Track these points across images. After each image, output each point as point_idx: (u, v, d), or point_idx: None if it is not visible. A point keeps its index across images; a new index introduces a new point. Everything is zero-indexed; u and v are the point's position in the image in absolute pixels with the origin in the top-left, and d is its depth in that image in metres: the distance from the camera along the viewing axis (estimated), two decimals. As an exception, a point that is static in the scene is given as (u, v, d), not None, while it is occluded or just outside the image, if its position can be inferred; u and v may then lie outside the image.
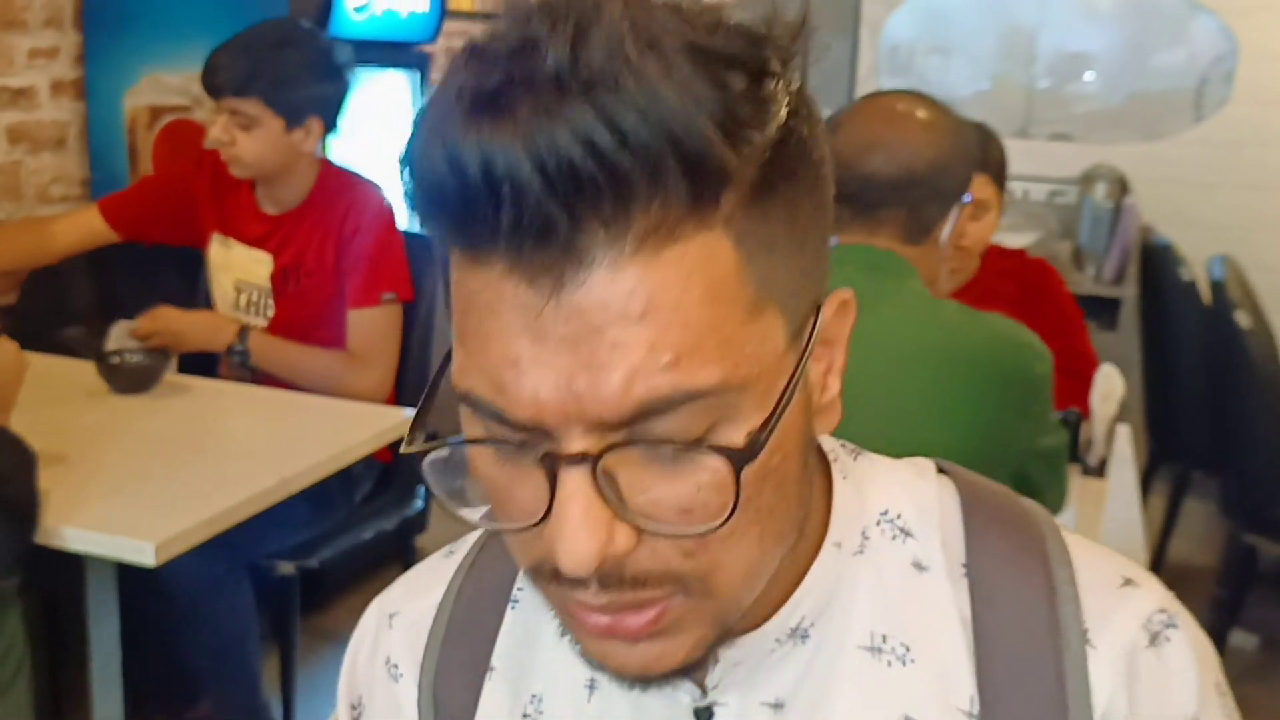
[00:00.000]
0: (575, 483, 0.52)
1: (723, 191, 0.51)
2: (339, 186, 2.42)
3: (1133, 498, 1.94)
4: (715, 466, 0.52)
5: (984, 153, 1.94)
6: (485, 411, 0.53)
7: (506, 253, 0.50)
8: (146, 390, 2.13)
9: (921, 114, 1.47)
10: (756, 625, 0.64)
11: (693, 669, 0.60)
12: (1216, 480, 3.19)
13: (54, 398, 2.00)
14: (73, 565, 1.82)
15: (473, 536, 0.79)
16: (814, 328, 0.57)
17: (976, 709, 0.63)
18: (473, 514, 0.59)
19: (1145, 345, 3.43)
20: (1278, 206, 3.49)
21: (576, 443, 0.52)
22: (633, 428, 0.51)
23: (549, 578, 0.56)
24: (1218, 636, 2.90)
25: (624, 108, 0.48)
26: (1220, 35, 3.45)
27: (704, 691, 0.66)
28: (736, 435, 0.53)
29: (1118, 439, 2.09)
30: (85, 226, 2.51)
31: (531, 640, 0.73)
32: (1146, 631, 0.63)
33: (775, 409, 0.54)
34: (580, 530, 0.52)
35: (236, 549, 2.14)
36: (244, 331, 2.33)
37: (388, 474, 2.56)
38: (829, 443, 0.69)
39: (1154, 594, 0.65)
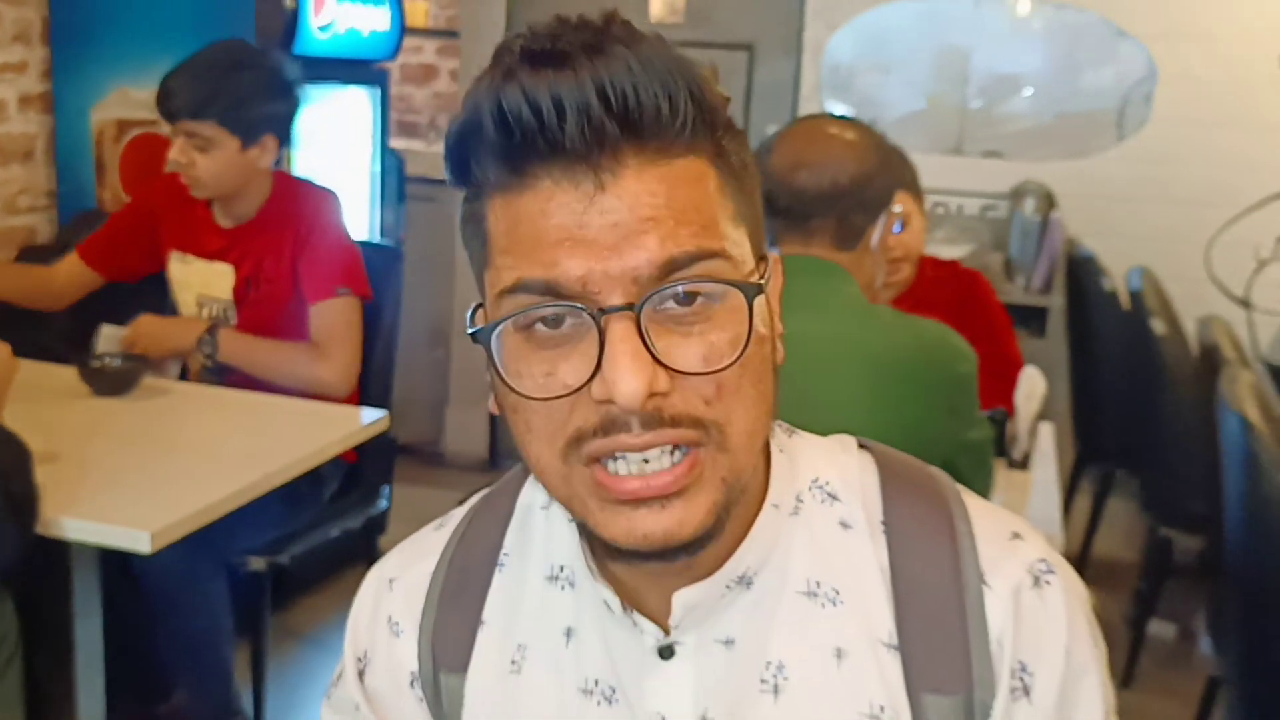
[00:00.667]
0: (622, 330, 0.66)
1: (711, 130, 0.69)
2: (293, 196, 2.48)
3: (1052, 488, 2.10)
4: (730, 313, 0.68)
5: (903, 169, 2.10)
6: (538, 289, 0.67)
7: (559, 165, 0.66)
8: (126, 393, 2.22)
9: (846, 134, 1.63)
10: (710, 573, 0.77)
11: (704, 542, 0.72)
12: (1137, 479, 3.36)
13: (39, 401, 2.08)
14: (55, 560, 1.91)
15: (458, 513, 0.91)
16: (767, 267, 0.73)
17: (895, 640, 0.77)
18: (525, 386, 0.70)
19: (1071, 351, 3.60)
20: (1192, 221, 3.66)
21: (619, 297, 0.66)
22: (663, 280, 0.67)
23: (591, 436, 0.68)
24: (1138, 626, 3.06)
25: (653, 58, 0.66)
26: (1141, 59, 3.64)
27: (667, 632, 0.79)
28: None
29: (1040, 435, 2.25)
30: (75, 274, 2.56)
31: (517, 598, 0.86)
32: (1030, 575, 0.78)
33: (762, 269, 0.71)
34: (632, 365, 0.65)
35: (214, 546, 2.22)
36: (213, 328, 2.40)
37: (354, 474, 2.65)
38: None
39: (1037, 546, 0.80)
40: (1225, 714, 2.25)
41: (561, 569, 0.84)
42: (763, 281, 0.71)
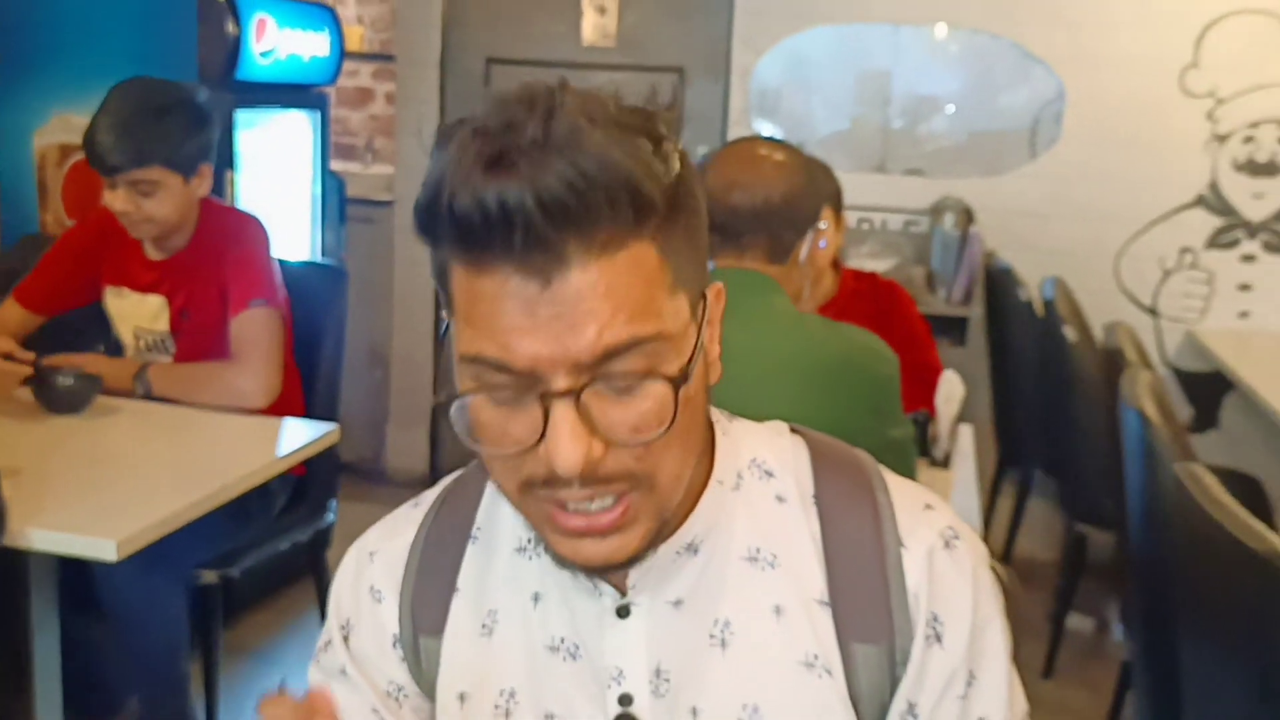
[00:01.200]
0: (563, 410, 0.75)
1: (650, 215, 0.77)
2: (221, 223, 2.52)
3: (971, 485, 2.23)
4: (659, 392, 0.77)
5: (827, 185, 2.22)
6: (491, 365, 0.77)
7: (511, 261, 0.74)
8: (79, 411, 2.28)
9: (775, 156, 1.76)
10: (663, 541, 0.87)
11: (636, 560, 0.83)
12: (1055, 479, 3.51)
13: (-5, 419, 2.14)
14: (10, 574, 1.96)
15: (432, 494, 1.01)
16: (705, 306, 0.83)
17: (827, 598, 0.89)
18: (478, 447, 0.80)
19: (991, 359, 3.75)
20: (1102, 234, 3.83)
21: (562, 381, 0.75)
22: (600, 367, 0.76)
23: (539, 485, 0.79)
24: (1057, 621, 3.20)
25: (588, 162, 0.73)
26: (1051, 82, 3.81)
27: (623, 593, 0.89)
28: (671, 370, 0.78)
29: (960, 436, 2.38)
30: (15, 318, 2.57)
31: (487, 568, 0.96)
32: (941, 538, 0.90)
33: (693, 352, 0.80)
34: (570, 442, 0.75)
35: (170, 559, 2.27)
36: (143, 369, 2.44)
37: (301, 487, 2.71)
38: (713, 412, 0.93)
39: (946, 515, 0.92)
40: (1137, 698, 2.38)
41: (529, 541, 0.94)
42: (693, 356, 0.79)
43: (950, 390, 2.28)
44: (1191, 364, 3.83)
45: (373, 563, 0.98)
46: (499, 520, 0.96)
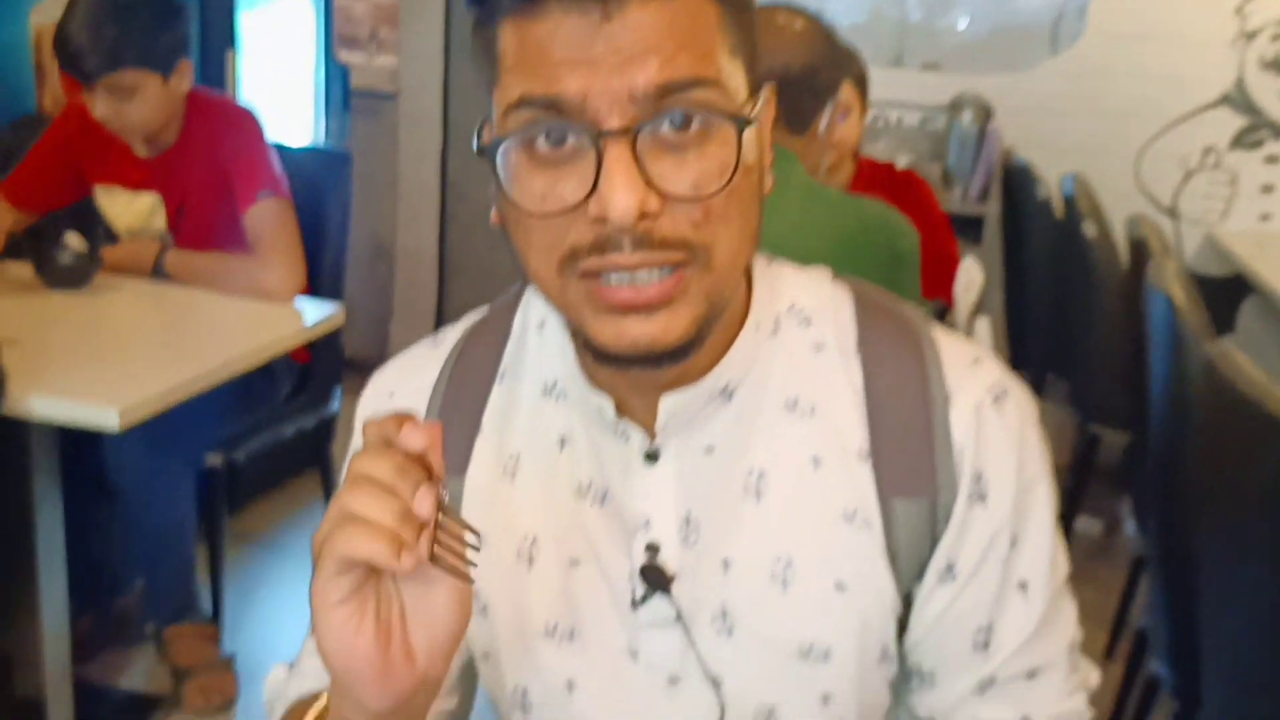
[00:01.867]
0: (619, 152, 0.70)
1: None
2: (211, 116, 2.43)
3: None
4: (720, 142, 0.72)
5: (850, 62, 2.15)
6: (541, 104, 0.71)
7: None
8: (80, 287, 2.24)
9: (796, 24, 1.69)
10: (694, 382, 0.83)
11: (686, 350, 0.77)
12: (1067, 382, 3.48)
13: (-6, 293, 2.10)
14: (12, 445, 1.94)
15: (453, 333, 0.96)
16: (760, 100, 0.78)
17: (867, 451, 0.85)
18: (525, 201, 0.74)
19: (1005, 259, 3.70)
20: (1122, 133, 3.75)
21: (616, 120, 0.70)
22: (659, 104, 0.70)
23: (584, 254, 0.73)
24: (1067, 523, 3.19)
25: None
26: (1075, -26, 3.70)
27: (653, 438, 0.85)
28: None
29: (977, 328, 2.34)
30: (2, 214, 2.50)
31: (512, 410, 0.91)
32: (990, 394, 0.85)
33: (754, 103, 0.75)
34: (626, 185, 0.70)
35: (177, 440, 2.27)
36: (160, 255, 2.40)
37: (306, 375, 2.69)
38: None
39: (995, 370, 0.87)
40: (1149, 593, 2.37)
41: (555, 383, 0.89)
42: (754, 115, 0.75)
43: (970, 278, 2.23)
44: (1209, 268, 3.77)
45: (392, 399, 0.94)
46: (525, 361, 0.92)
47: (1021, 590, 0.86)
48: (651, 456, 0.85)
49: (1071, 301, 3.17)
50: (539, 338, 0.91)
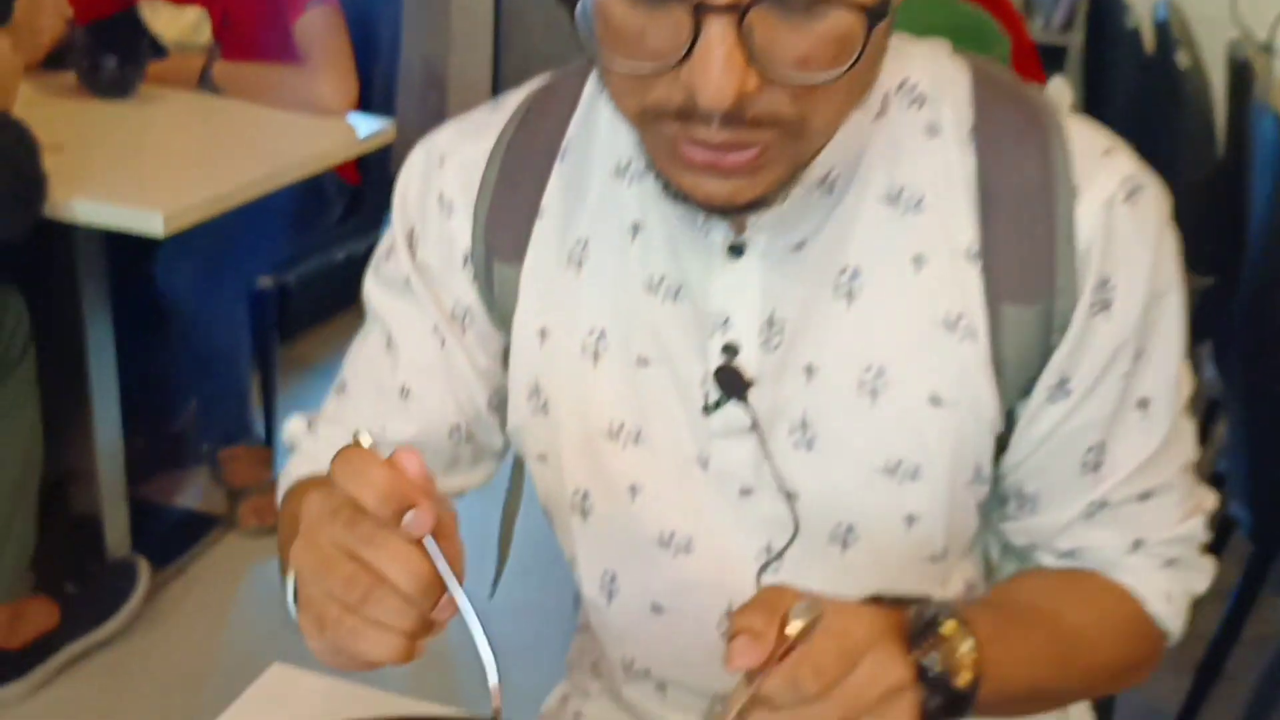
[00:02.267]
0: (720, 29, 0.59)
1: None
2: None
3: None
4: (848, 21, 0.61)
5: None
6: None
7: None
8: (126, 96, 2.17)
9: None
10: (794, 184, 0.71)
11: (760, 206, 0.69)
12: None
13: (39, 103, 2.03)
14: (62, 257, 1.90)
15: (514, 97, 0.87)
16: None
17: (977, 250, 0.75)
18: (611, 44, 0.64)
19: (1087, 92, 3.53)
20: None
21: None
22: None
23: (671, 116, 0.64)
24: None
25: None
26: None
27: (738, 231, 0.75)
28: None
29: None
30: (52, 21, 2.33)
31: (579, 190, 0.82)
32: (1124, 188, 0.74)
33: None
34: (723, 71, 0.60)
35: (229, 263, 2.25)
36: (207, 65, 2.33)
37: (357, 198, 2.63)
38: None
39: (1130, 161, 0.76)
40: (1226, 436, 2.30)
41: (629, 163, 0.80)
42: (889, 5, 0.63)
43: (1058, 100, 2.09)
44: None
45: (443, 168, 0.85)
46: (594, 137, 0.82)
47: (1141, 408, 0.78)
48: (735, 250, 0.77)
49: (1158, 139, 3.01)
50: (612, 109, 0.80)
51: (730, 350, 0.78)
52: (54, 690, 2.00)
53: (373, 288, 0.88)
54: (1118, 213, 0.74)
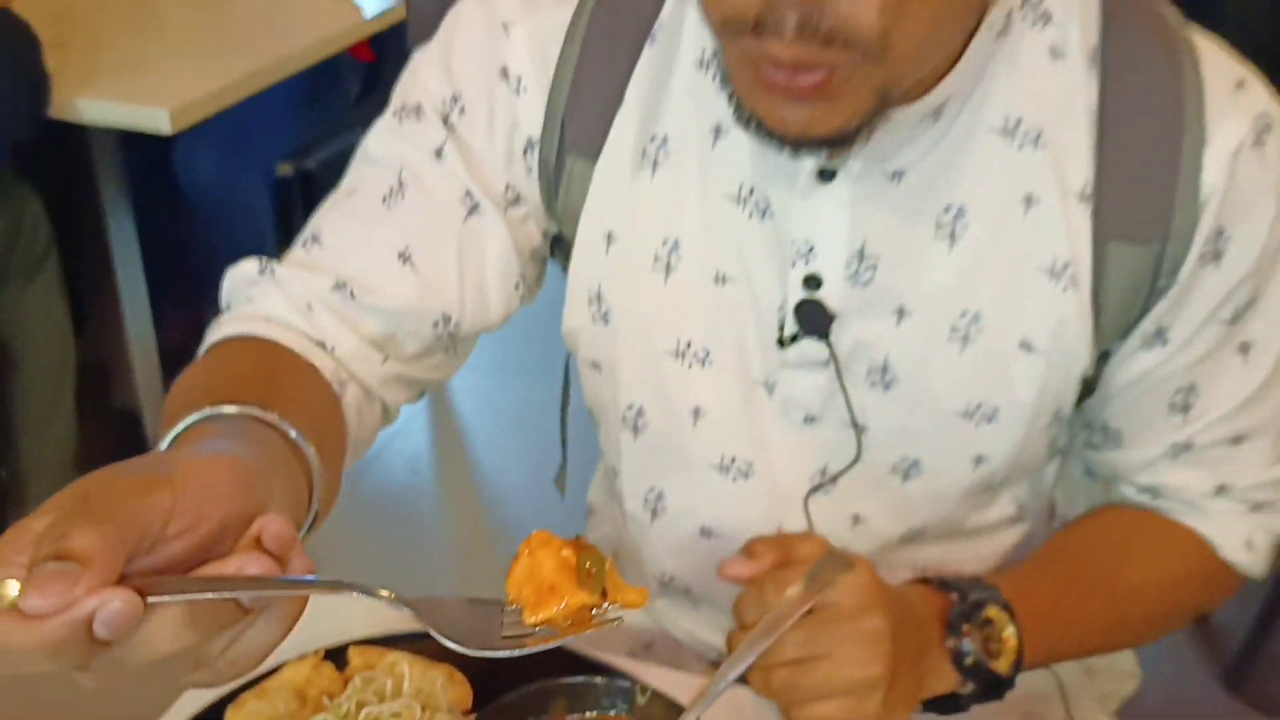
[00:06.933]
0: None
1: None
2: None
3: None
4: None
5: None
6: None
7: None
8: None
9: None
10: (908, 103, 0.66)
11: (849, 140, 0.63)
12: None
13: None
14: (79, 157, 1.88)
15: None
16: None
17: (1090, 190, 0.70)
18: None
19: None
20: None
21: None
22: None
23: (748, 30, 0.59)
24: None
25: None
26: None
27: (830, 154, 0.68)
28: None
29: None
30: None
31: (664, 82, 0.74)
32: (1254, 130, 0.69)
33: None
34: None
35: (247, 149, 2.21)
36: None
37: (373, 74, 2.57)
38: None
39: (1262, 97, 0.71)
40: None
41: (716, 54, 0.72)
42: None
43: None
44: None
45: (509, 37, 0.75)
46: (685, 20, 0.74)
47: (1242, 353, 0.75)
48: (826, 174, 0.70)
49: None
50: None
51: (812, 282, 0.73)
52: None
53: (381, 139, 0.79)
54: (1244, 160, 0.69)
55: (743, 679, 0.68)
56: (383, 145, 0.78)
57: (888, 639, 0.67)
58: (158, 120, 1.60)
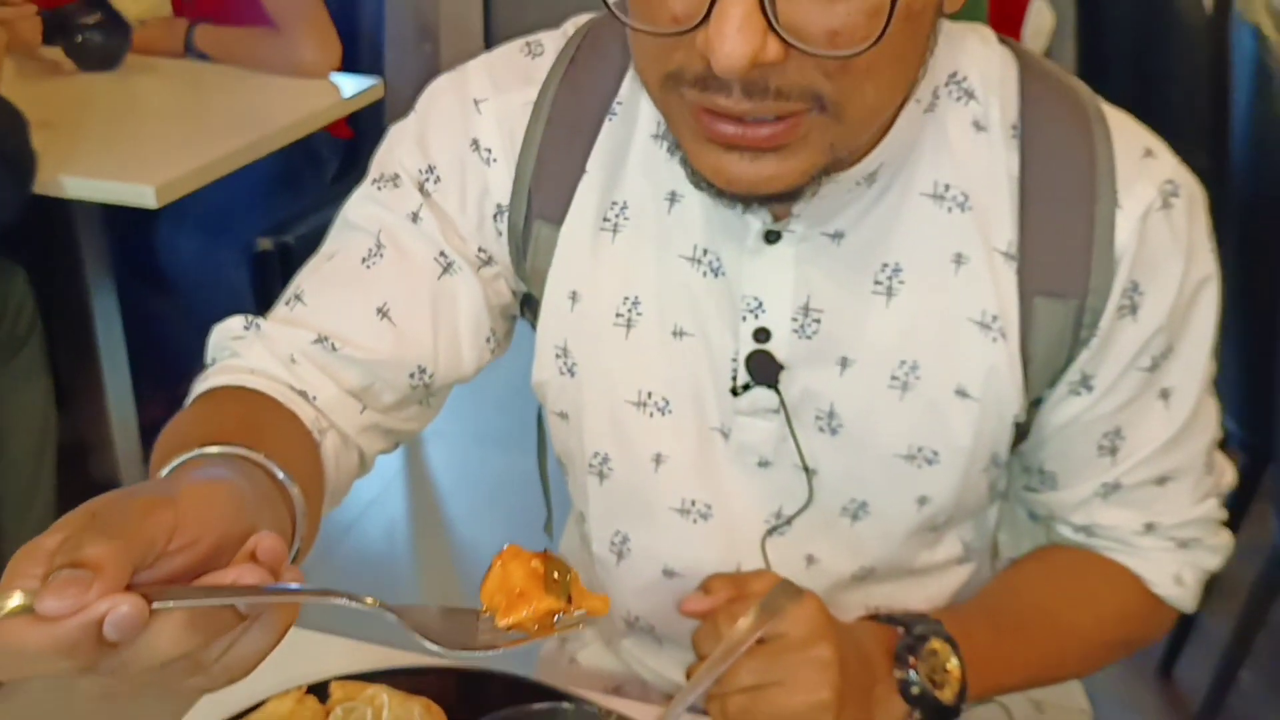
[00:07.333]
0: None
1: None
2: None
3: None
4: None
5: None
6: None
7: None
8: (112, 68, 2.19)
9: None
10: (844, 169, 0.71)
11: (795, 196, 0.67)
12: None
13: (25, 79, 2.06)
14: (62, 233, 1.92)
15: (554, 41, 0.83)
16: None
17: (1014, 250, 0.76)
18: (632, 4, 0.63)
19: (1079, 9, 3.48)
20: None
21: None
22: None
23: (689, 83, 0.62)
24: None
25: None
26: None
27: (776, 217, 0.74)
28: None
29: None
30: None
31: (623, 154, 0.80)
32: (1161, 195, 0.75)
33: None
34: (738, 33, 0.57)
35: (227, 227, 2.26)
36: (190, 29, 2.32)
37: (351, 152, 2.63)
38: None
39: (1169, 163, 0.77)
40: (1218, 346, 2.31)
41: (668, 129, 0.76)
42: None
43: (1039, 23, 2.10)
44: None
45: (480, 113, 0.81)
46: (641, 95, 0.79)
47: (1163, 398, 0.80)
48: (772, 236, 0.76)
49: (1151, 51, 2.98)
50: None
51: (762, 335, 0.78)
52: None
53: (360, 206, 0.84)
54: (1153, 223, 0.75)
55: (701, 709, 0.72)
56: (362, 211, 0.83)
57: (836, 667, 0.71)
58: (143, 196, 1.65)
